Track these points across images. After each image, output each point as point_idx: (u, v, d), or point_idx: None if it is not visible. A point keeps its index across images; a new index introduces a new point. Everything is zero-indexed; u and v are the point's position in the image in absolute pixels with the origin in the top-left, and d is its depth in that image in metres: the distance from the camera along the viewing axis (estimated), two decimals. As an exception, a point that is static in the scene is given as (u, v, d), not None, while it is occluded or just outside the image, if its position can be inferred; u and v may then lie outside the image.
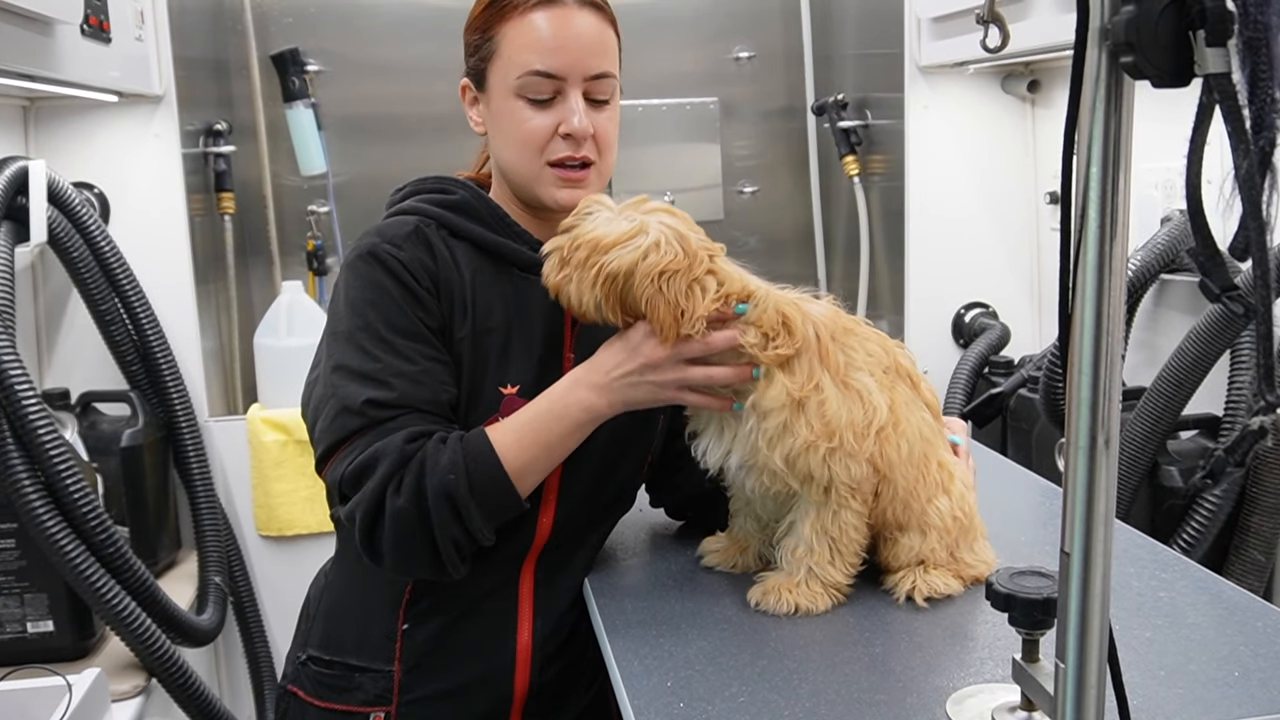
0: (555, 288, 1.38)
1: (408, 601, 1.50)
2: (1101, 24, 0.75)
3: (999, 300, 2.88)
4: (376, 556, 1.37)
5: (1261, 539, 1.87)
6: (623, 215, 1.37)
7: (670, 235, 1.34)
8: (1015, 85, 2.79)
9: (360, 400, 1.36)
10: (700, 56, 3.16)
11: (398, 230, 1.45)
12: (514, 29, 1.45)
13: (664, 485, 1.73)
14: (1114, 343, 0.80)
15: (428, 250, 1.44)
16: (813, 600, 1.41)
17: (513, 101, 1.47)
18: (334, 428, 1.37)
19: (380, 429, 1.36)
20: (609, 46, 1.49)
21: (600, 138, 1.48)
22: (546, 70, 1.44)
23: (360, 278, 1.42)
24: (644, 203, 1.38)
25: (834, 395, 1.35)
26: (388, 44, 2.99)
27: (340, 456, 1.37)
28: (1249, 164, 0.70)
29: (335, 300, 1.45)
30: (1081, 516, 0.83)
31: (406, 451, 1.34)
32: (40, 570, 1.90)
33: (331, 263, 3.03)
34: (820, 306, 1.42)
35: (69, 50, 2.01)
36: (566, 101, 1.45)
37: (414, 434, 1.36)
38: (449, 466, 1.33)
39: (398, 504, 1.33)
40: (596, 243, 1.34)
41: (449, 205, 1.49)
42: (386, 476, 1.33)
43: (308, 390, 1.47)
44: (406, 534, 1.34)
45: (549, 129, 1.46)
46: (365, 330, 1.39)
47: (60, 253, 2.28)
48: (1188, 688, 1.16)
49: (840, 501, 1.39)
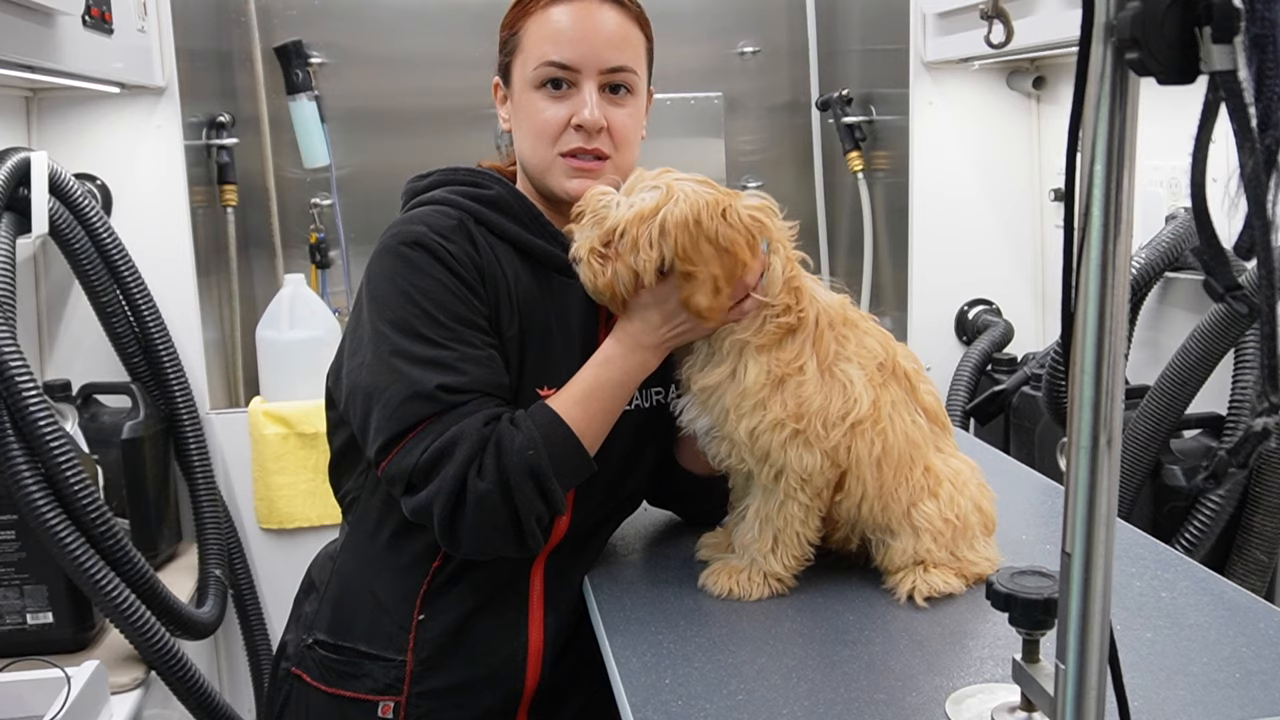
0: (607, 286, 1.38)
1: (424, 594, 1.50)
2: (1107, 20, 0.74)
3: (1002, 297, 2.87)
4: (455, 541, 1.37)
5: (1264, 539, 1.87)
6: (637, 192, 1.38)
7: (698, 186, 1.36)
8: (1020, 81, 2.78)
9: (432, 385, 1.35)
10: (705, 51, 3.16)
11: (443, 222, 1.44)
12: (535, 23, 1.48)
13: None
14: (1117, 342, 0.79)
15: (473, 246, 1.44)
16: (746, 588, 1.43)
17: (530, 93, 1.49)
18: (401, 414, 1.36)
19: (453, 413, 1.35)
20: (630, 42, 1.50)
21: (616, 132, 1.49)
22: (561, 61, 1.46)
23: (409, 265, 1.41)
24: (641, 177, 1.40)
25: (813, 379, 1.37)
26: (391, 37, 2.98)
27: (409, 444, 1.35)
28: (1255, 162, 0.69)
29: (376, 284, 1.42)
30: (1083, 517, 0.82)
31: (484, 434, 1.35)
32: (40, 562, 1.89)
33: (334, 256, 3.02)
34: (830, 295, 1.44)
35: (71, 41, 2.00)
36: (580, 93, 1.47)
37: (488, 416, 1.36)
38: (526, 443, 1.34)
39: (481, 487, 1.33)
40: (641, 216, 1.34)
41: (486, 201, 1.49)
42: (467, 460, 1.33)
43: (346, 376, 1.44)
44: (491, 515, 1.34)
45: (562, 120, 1.47)
46: (423, 318, 1.38)
47: (62, 244, 2.28)
48: (1189, 689, 1.16)
49: (788, 491, 1.40)
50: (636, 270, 1.36)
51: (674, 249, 1.33)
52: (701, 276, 1.33)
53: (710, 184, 1.38)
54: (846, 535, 1.48)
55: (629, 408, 1.50)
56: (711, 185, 1.37)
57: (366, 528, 1.55)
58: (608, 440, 1.45)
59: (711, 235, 1.33)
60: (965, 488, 1.44)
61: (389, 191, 1.57)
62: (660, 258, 1.34)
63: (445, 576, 1.50)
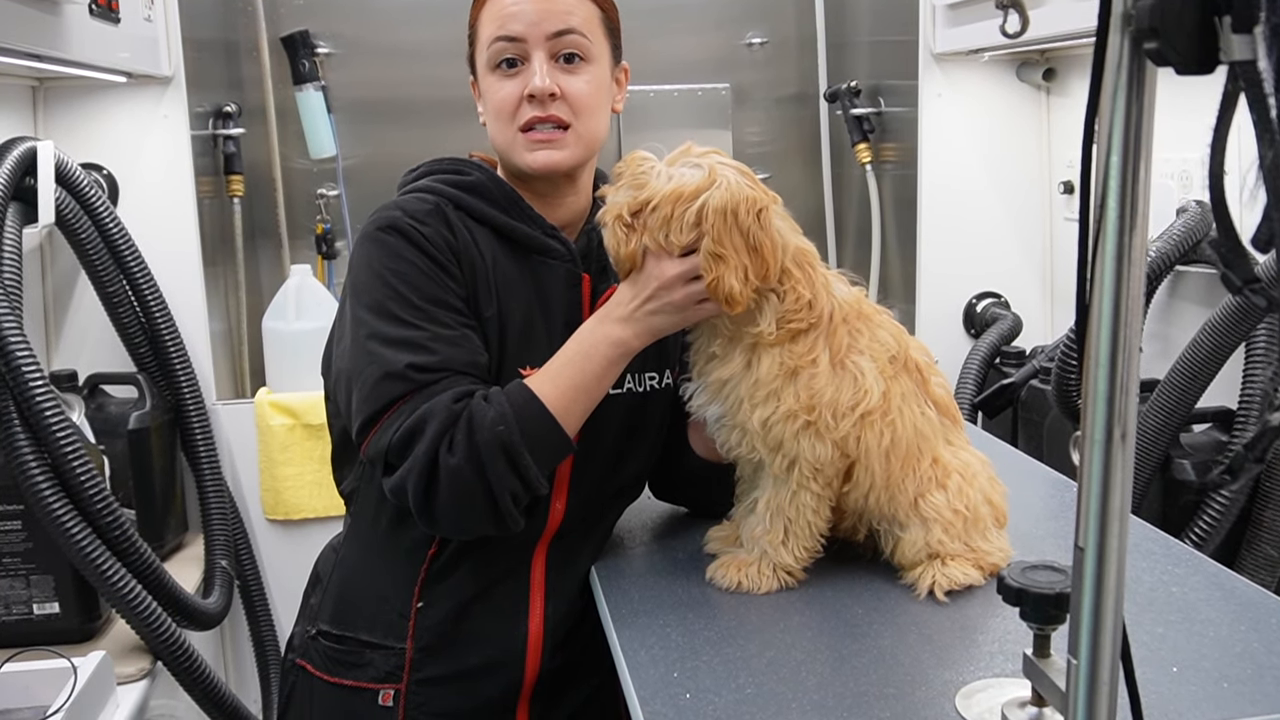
0: (630, 256, 1.38)
1: (423, 581, 1.51)
2: (1124, 9, 0.73)
3: (1011, 290, 2.86)
4: (432, 520, 1.38)
5: (1275, 534, 1.86)
6: (679, 164, 1.37)
7: (740, 178, 1.35)
8: (1030, 73, 2.76)
9: (402, 365, 1.36)
10: (712, 42, 3.15)
11: (418, 206, 1.46)
12: (487, 11, 1.52)
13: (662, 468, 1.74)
14: (1132, 335, 0.79)
15: (449, 229, 1.45)
16: (755, 581, 1.43)
17: (488, 77, 1.52)
18: (375, 395, 1.37)
19: (425, 392, 1.36)
20: (576, 10, 1.50)
21: (572, 98, 1.49)
22: (507, 34, 1.48)
23: (385, 249, 1.42)
24: (689, 150, 1.40)
25: (826, 371, 1.37)
26: (398, 27, 2.98)
27: (385, 424, 1.37)
28: (1275, 154, 0.68)
29: (355, 271, 1.45)
30: (1096, 511, 0.81)
31: (454, 410, 1.35)
32: (46, 552, 1.89)
33: (341, 246, 3.02)
34: (847, 290, 1.44)
35: (77, 30, 2.00)
36: (530, 65, 1.48)
37: (459, 394, 1.37)
38: (497, 419, 1.34)
39: (452, 462, 1.33)
40: (678, 194, 1.34)
41: (464, 187, 1.50)
42: (438, 436, 1.33)
43: (333, 363, 1.48)
44: (464, 491, 1.34)
45: (516, 95, 1.48)
46: (396, 299, 1.39)
47: (68, 234, 2.27)
48: (1200, 684, 1.15)
49: (800, 481, 1.40)
50: (662, 248, 1.36)
51: (712, 231, 1.33)
52: (733, 262, 1.33)
53: (751, 177, 1.38)
54: (854, 524, 1.48)
55: (619, 391, 1.50)
56: (752, 180, 1.37)
57: (366, 517, 1.56)
58: (598, 423, 1.46)
59: (745, 230, 1.33)
60: (974, 480, 1.44)
61: (395, 182, 1.58)
62: (693, 241, 1.34)
63: (443, 563, 1.51)
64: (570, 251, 1.52)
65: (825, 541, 1.46)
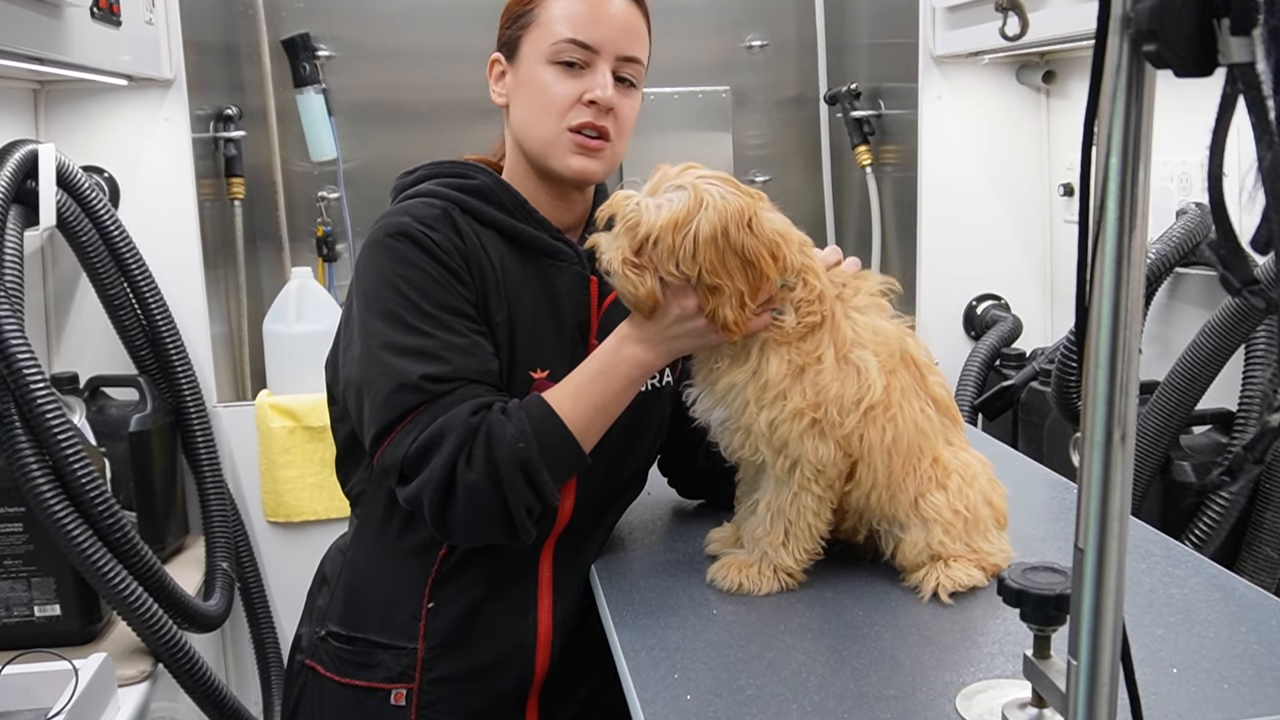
0: (649, 296, 1.36)
1: (433, 582, 1.52)
2: (1123, 12, 0.73)
3: (1011, 292, 2.86)
4: (447, 531, 1.39)
5: (1275, 535, 1.86)
6: (663, 192, 1.36)
7: (724, 188, 1.35)
8: (1030, 76, 2.76)
9: (416, 375, 1.36)
10: (712, 45, 3.15)
11: (427, 212, 1.45)
12: (556, 2, 1.50)
13: (677, 465, 1.77)
14: (1132, 336, 0.79)
15: (457, 234, 1.45)
16: (756, 582, 1.43)
17: (543, 68, 1.50)
18: (389, 406, 1.37)
19: (440, 403, 1.36)
20: (642, 35, 1.54)
21: (620, 117, 1.51)
22: (583, 40, 1.48)
23: (394, 256, 1.42)
24: (666, 175, 1.39)
25: (831, 367, 1.37)
26: (399, 30, 2.98)
27: (399, 435, 1.37)
28: (1273, 156, 0.68)
29: (364, 278, 1.44)
30: (1096, 512, 0.81)
31: (472, 424, 1.35)
32: (47, 554, 1.89)
33: (341, 249, 3.03)
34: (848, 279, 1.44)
35: (79, 33, 2.00)
36: (595, 73, 1.49)
37: (476, 406, 1.37)
38: (517, 435, 1.35)
39: (470, 478, 1.34)
40: (674, 223, 1.33)
41: (470, 190, 1.50)
42: (455, 451, 1.34)
43: (342, 370, 1.47)
44: (482, 506, 1.35)
45: (574, 95, 1.48)
46: (408, 307, 1.40)
47: (69, 237, 2.28)
48: (1200, 686, 1.15)
49: (802, 483, 1.40)
50: (675, 277, 1.35)
51: (704, 263, 1.32)
52: (728, 291, 1.33)
53: (733, 183, 1.37)
54: (854, 525, 1.48)
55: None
56: (734, 185, 1.37)
57: (374, 519, 1.56)
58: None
59: (738, 248, 1.32)
60: (974, 481, 1.43)
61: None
62: (697, 271, 1.34)
63: (453, 564, 1.51)
64: (578, 254, 1.52)
65: (826, 543, 1.46)
